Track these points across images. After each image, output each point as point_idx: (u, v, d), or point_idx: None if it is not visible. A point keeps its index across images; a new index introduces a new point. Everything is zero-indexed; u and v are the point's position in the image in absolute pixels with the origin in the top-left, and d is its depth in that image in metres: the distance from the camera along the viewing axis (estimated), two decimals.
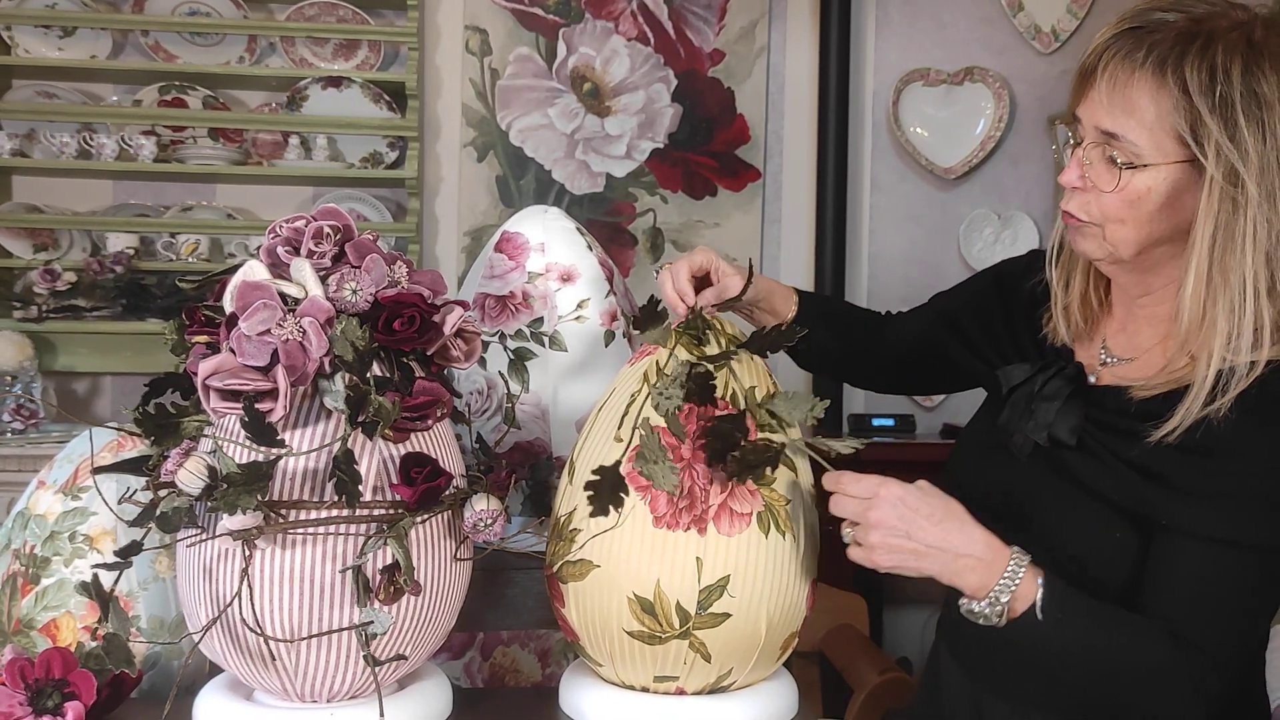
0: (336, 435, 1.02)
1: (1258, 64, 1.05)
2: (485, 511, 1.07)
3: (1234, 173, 1.04)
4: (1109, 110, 1.09)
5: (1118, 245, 1.12)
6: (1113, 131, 1.08)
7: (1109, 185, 1.09)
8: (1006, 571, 1.08)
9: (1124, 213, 1.10)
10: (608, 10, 3.50)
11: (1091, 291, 1.24)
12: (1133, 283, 1.18)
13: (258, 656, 1.03)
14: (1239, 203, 1.05)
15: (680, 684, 1.12)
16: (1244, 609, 1.08)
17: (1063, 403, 1.18)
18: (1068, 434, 1.17)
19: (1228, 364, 1.07)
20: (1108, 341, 1.22)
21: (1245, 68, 1.04)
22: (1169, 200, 1.08)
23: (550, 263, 1.43)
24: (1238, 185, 1.04)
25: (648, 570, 1.08)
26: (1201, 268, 1.07)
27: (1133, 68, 1.07)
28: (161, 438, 1.02)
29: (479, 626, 1.35)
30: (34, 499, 1.32)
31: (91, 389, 3.39)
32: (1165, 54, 1.06)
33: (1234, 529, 1.06)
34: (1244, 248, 1.05)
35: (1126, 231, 1.11)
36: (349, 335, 1.01)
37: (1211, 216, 1.06)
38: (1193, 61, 1.05)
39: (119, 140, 3.22)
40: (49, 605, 1.26)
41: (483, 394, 1.41)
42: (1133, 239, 1.11)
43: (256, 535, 0.97)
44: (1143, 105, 1.07)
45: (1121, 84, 1.08)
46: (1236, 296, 1.06)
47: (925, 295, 1.46)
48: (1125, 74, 1.08)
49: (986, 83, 3.54)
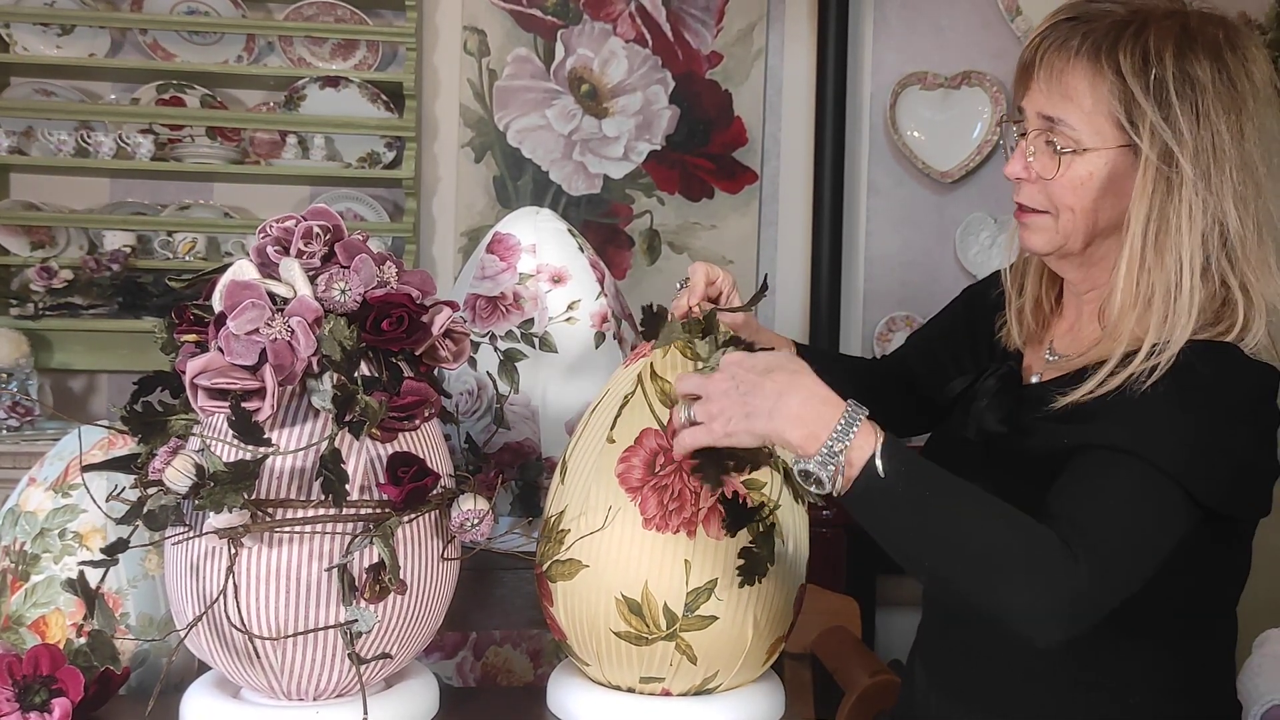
0: (324, 434, 1.02)
1: (1190, 48, 1.05)
2: (472, 511, 1.07)
3: (1168, 153, 1.04)
4: (1048, 97, 1.10)
5: (1067, 236, 1.12)
6: (1053, 116, 1.09)
7: (1050, 172, 1.10)
8: (841, 419, 0.95)
9: (1070, 199, 1.10)
10: (606, 12, 3.50)
11: (1044, 295, 1.25)
12: (1080, 278, 1.18)
13: (244, 654, 1.04)
14: (1173, 183, 1.05)
15: (666, 685, 1.12)
16: (1136, 518, 1.00)
17: (991, 398, 1.18)
18: (996, 424, 1.15)
19: (1155, 348, 1.03)
20: (1054, 343, 1.23)
21: (1178, 51, 1.05)
22: (1110, 186, 1.08)
23: (541, 264, 1.43)
24: (1172, 165, 1.04)
25: (636, 571, 1.08)
26: (1135, 247, 1.06)
27: (1068, 55, 1.08)
28: (148, 436, 1.02)
29: (467, 626, 1.36)
30: (24, 496, 1.32)
31: (88, 387, 3.39)
32: (1100, 40, 1.07)
33: (1137, 441, 1.01)
34: (1179, 228, 1.05)
35: (1075, 220, 1.11)
36: (337, 335, 1.02)
37: (1146, 197, 1.06)
38: (1126, 45, 1.06)
39: (116, 138, 3.22)
40: (38, 602, 1.27)
41: (473, 395, 1.41)
42: (1081, 228, 1.11)
43: (243, 534, 0.97)
44: (1080, 90, 1.07)
45: (1058, 71, 1.09)
46: (1173, 278, 1.05)
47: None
48: (1062, 61, 1.09)
49: (984, 87, 3.54)
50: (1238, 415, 1.04)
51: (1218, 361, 1.04)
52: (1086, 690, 1.13)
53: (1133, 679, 1.13)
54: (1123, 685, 1.13)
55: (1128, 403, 1.04)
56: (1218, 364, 1.04)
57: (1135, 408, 1.03)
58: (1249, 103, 1.06)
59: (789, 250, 3.59)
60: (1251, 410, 1.04)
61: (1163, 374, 1.03)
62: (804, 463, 0.96)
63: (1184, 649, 1.14)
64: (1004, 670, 1.17)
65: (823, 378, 1.25)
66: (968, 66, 3.56)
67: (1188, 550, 1.04)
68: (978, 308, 1.33)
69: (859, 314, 3.60)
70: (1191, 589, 1.12)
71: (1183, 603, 1.12)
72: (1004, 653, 1.16)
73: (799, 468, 0.96)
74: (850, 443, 0.95)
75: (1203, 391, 1.02)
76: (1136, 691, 1.13)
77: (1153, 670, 1.13)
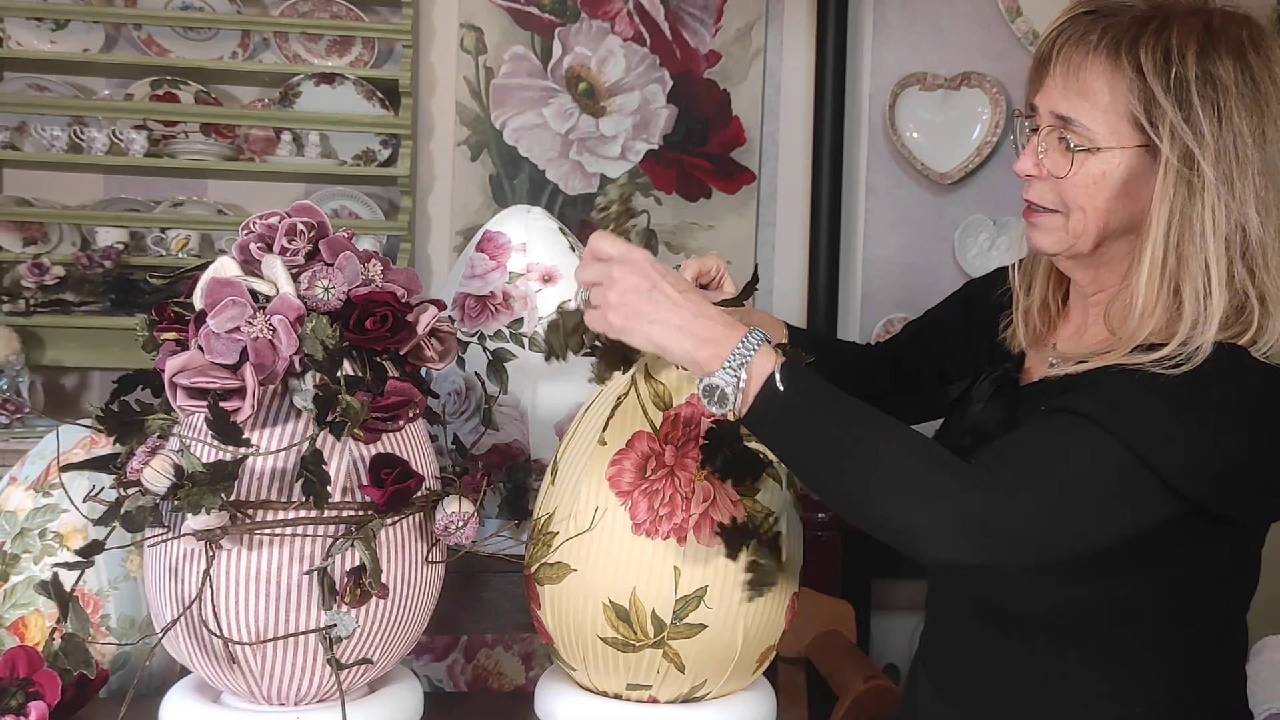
0: (305, 435, 1.00)
1: (1214, 47, 1.02)
2: (457, 514, 1.05)
3: (1189, 155, 1.01)
4: (1064, 94, 1.07)
5: (1077, 237, 1.09)
6: (1067, 115, 1.06)
7: (1063, 170, 1.07)
8: (743, 341, 0.98)
9: (1081, 199, 1.07)
10: (604, 10, 3.48)
11: (1051, 297, 1.22)
12: (1088, 279, 1.15)
13: (223, 659, 1.02)
14: (1195, 187, 1.02)
15: (653, 693, 1.11)
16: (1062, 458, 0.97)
17: (986, 402, 1.16)
18: (994, 426, 1.13)
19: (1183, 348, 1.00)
20: (1059, 345, 1.20)
21: (1201, 50, 1.02)
22: (1125, 186, 1.06)
23: (532, 263, 1.41)
24: (1193, 169, 1.01)
25: (624, 577, 1.06)
26: (1157, 253, 1.03)
27: (1086, 50, 1.05)
28: (125, 435, 1.00)
29: (454, 629, 1.34)
30: (4, 495, 1.30)
31: (79, 384, 3.37)
32: (1120, 36, 1.04)
33: (1107, 414, 0.98)
34: (1202, 232, 1.02)
35: (1086, 221, 1.08)
36: (319, 334, 1.00)
37: (1167, 201, 1.02)
38: (1147, 43, 1.02)
39: (110, 134, 3.20)
40: (17, 603, 1.25)
41: (461, 395, 1.39)
42: (1092, 229, 1.08)
43: (221, 535, 0.96)
44: (1097, 88, 1.04)
45: (1075, 67, 1.06)
46: (1199, 283, 1.02)
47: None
48: (1079, 57, 1.06)
49: (984, 88, 3.52)
50: (1240, 415, 1.01)
51: (1226, 362, 1.01)
52: (1096, 702, 1.11)
53: (1142, 691, 1.11)
54: (1133, 697, 1.11)
55: (1113, 378, 1.01)
56: (1225, 364, 1.01)
57: (1118, 383, 1.00)
58: (1272, 105, 1.03)
59: (787, 251, 3.57)
60: (1259, 412, 1.01)
61: (1168, 369, 1.00)
62: (708, 379, 0.97)
63: (1194, 660, 1.12)
64: (1011, 682, 1.15)
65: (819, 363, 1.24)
66: (967, 67, 3.54)
67: (1193, 555, 1.02)
68: (977, 304, 1.31)
69: (856, 315, 3.58)
70: (1199, 598, 1.10)
71: (1191, 613, 1.10)
72: (1011, 664, 1.14)
73: (704, 384, 0.98)
74: (752, 361, 0.97)
75: (1205, 389, 1.00)
76: (1146, 703, 1.11)
77: (1162, 681, 1.11)
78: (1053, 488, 0.97)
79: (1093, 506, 0.98)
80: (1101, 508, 0.98)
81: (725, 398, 0.97)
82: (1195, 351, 1.00)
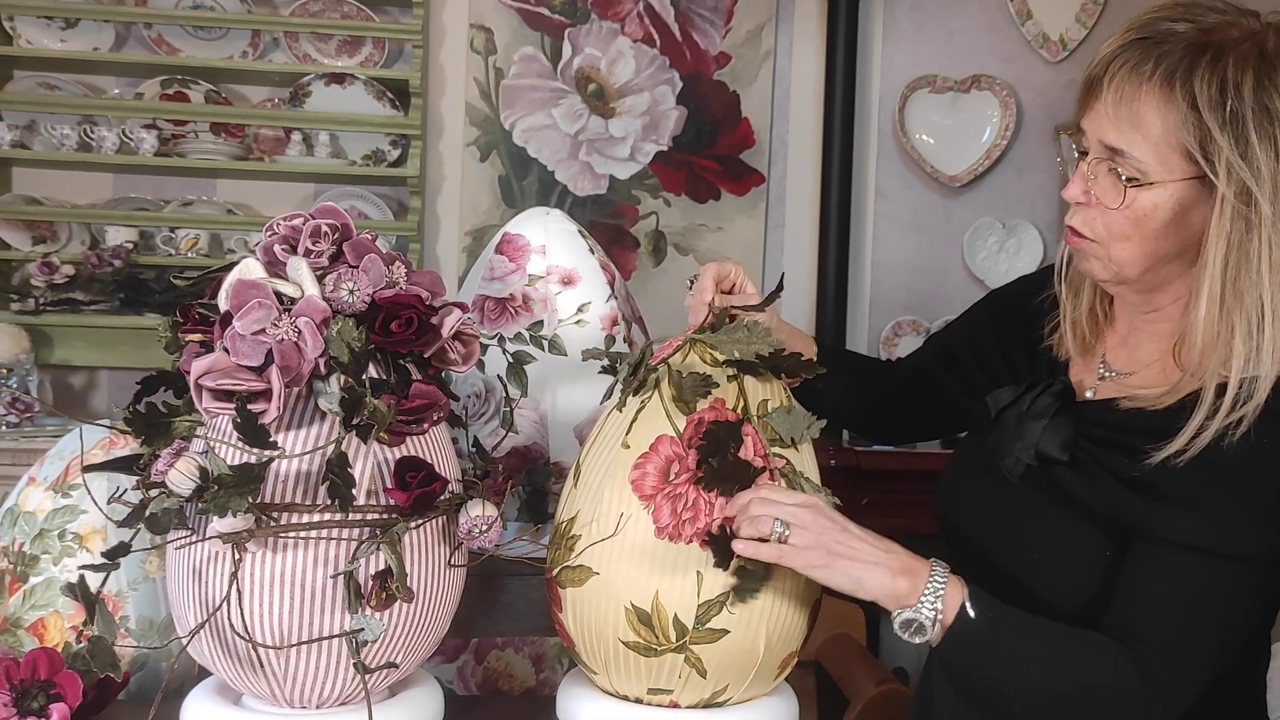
0: (330, 438, 1.00)
1: (1270, 77, 1.01)
2: (481, 517, 1.05)
3: (1246, 191, 1.01)
4: (1115, 124, 1.05)
5: (1123, 265, 1.09)
6: (1117, 147, 1.05)
7: (1114, 202, 1.06)
8: (932, 573, 1.05)
9: (1129, 230, 1.07)
10: (614, 11, 3.48)
11: (1098, 304, 1.21)
12: (1140, 301, 1.15)
13: (246, 662, 1.02)
14: (1252, 222, 1.02)
15: (674, 697, 1.10)
16: (1217, 622, 1.04)
17: (1050, 419, 1.15)
18: (1058, 449, 1.13)
19: (1242, 386, 1.03)
20: (1107, 356, 1.19)
21: (1257, 81, 1.01)
22: (1176, 218, 1.05)
23: (551, 265, 1.41)
24: (1250, 204, 1.01)
25: (646, 581, 1.06)
26: (1214, 290, 1.03)
27: (1140, 80, 1.04)
28: (152, 437, 1.00)
29: (473, 632, 1.34)
30: (24, 495, 1.30)
31: (88, 383, 3.37)
32: (1174, 66, 1.02)
33: (1214, 537, 1.02)
34: (1259, 268, 1.02)
35: (1132, 249, 1.08)
36: (345, 336, 1.00)
37: (1224, 237, 1.03)
38: (1202, 75, 1.01)
39: (120, 133, 3.20)
40: (37, 604, 1.25)
41: (480, 397, 1.39)
42: (1139, 258, 1.08)
43: (247, 538, 0.95)
44: (1150, 120, 1.03)
45: (1128, 97, 1.04)
46: (1254, 318, 1.03)
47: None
48: (1132, 87, 1.04)
49: (993, 91, 3.52)
50: None
51: None
52: None
53: None
54: None
55: (1201, 475, 1.04)
56: None
57: (1207, 479, 1.04)
58: None
59: (795, 253, 3.57)
60: None
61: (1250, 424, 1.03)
62: (905, 612, 1.04)
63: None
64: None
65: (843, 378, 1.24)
66: (977, 70, 3.54)
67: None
68: (1004, 315, 1.30)
69: (865, 318, 3.58)
70: None
71: None
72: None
73: (902, 618, 1.04)
74: (944, 593, 1.04)
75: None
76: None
77: None
78: (1215, 653, 1.04)
79: (1244, 630, 1.06)
80: (1247, 621, 1.06)
81: (923, 629, 1.04)
82: (1255, 388, 1.03)
